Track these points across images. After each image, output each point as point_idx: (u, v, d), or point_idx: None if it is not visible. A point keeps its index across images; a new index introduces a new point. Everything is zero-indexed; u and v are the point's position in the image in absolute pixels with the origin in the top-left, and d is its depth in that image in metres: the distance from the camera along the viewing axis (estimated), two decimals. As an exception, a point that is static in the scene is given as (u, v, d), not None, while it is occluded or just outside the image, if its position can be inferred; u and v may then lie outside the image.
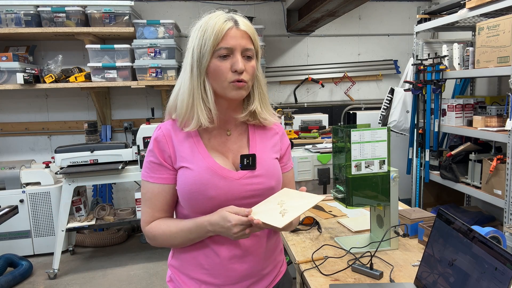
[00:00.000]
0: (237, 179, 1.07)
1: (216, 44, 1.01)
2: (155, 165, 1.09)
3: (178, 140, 1.09)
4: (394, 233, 1.52)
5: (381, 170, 1.45)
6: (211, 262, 1.09)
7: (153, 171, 1.10)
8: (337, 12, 3.38)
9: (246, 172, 1.09)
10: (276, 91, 4.40)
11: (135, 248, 3.73)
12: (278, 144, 1.19)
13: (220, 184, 1.05)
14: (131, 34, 3.58)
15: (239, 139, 1.14)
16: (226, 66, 1.02)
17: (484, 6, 2.59)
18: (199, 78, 1.04)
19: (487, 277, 0.94)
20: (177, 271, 1.16)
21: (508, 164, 2.44)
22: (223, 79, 1.03)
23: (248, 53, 1.04)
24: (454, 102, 3.05)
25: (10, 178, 3.43)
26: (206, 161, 1.06)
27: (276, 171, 1.14)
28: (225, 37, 1.01)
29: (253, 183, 1.08)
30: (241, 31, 1.03)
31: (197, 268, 1.11)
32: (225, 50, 1.02)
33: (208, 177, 1.05)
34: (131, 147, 3.28)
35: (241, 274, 1.10)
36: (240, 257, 1.09)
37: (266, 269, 1.16)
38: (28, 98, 3.99)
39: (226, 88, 1.04)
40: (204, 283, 1.10)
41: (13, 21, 3.41)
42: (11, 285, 3.01)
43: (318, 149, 2.88)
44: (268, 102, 1.16)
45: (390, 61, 4.52)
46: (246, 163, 1.09)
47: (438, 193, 3.63)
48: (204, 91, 1.05)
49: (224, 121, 1.12)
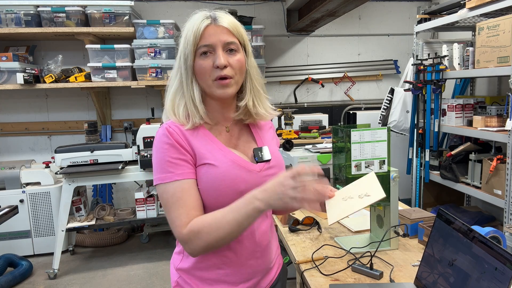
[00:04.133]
0: (258, 171, 1.09)
1: (196, 43, 1.03)
2: (178, 161, 1.02)
3: (190, 136, 1.06)
4: (394, 233, 1.52)
5: (381, 170, 1.45)
6: (230, 260, 1.08)
7: (177, 168, 1.01)
8: (337, 12, 3.38)
9: (263, 164, 1.11)
10: (276, 91, 4.40)
11: (135, 248, 3.73)
12: (275, 137, 1.25)
13: (247, 177, 1.06)
14: (131, 34, 3.58)
15: (242, 134, 1.16)
16: (209, 63, 1.03)
17: (484, 6, 2.59)
18: (187, 79, 1.06)
19: (487, 277, 0.94)
20: (186, 274, 1.12)
21: (508, 164, 2.44)
22: (207, 77, 1.04)
23: (231, 46, 1.04)
24: (454, 102, 3.05)
25: (10, 178, 3.43)
26: (229, 156, 1.06)
27: (283, 161, 1.19)
28: (204, 35, 1.02)
29: (270, 174, 1.10)
30: (219, 26, 1.03)
31: (212, 268, 1.09)
32: (205, 48, 1.02)
33: (236, 171, 1.05)
34: (131, 147, 3.28)
35: (255, 270, 1.11)
36: (255, 253, 1.11)
37: (272, 263, 1.19)
38: (28, 98, 3.99)
39: (211, 87, 1.04)
40: (218, 282, 1.09)
41: (13, 21, 3.41)
42: (11, 285, 3.01)
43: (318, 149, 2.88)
44: (263, 97, 1.15)
45: (390, 61, 4.52)
46: (261, 155, 1.11)
47: (438, 193, 3.63)
48: (193, 91, 1.06)
49: (222, 119, 1.13)
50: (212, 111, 1.11)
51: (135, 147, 3.24)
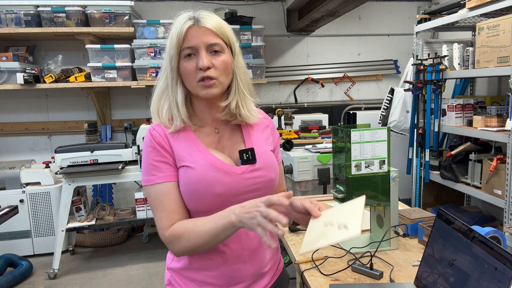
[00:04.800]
0: (240, 173, 1.07)
1: (179, 45, 1.03)
2: (160, 164, 1.04)
3: (173, 139, 1.07)
4: (394, 233, 1.52)
5: (381, 170, 1.45)
6: (216, 263, 1.08)
7: (159, 171, 1.04)
8: (337, 12, 3.38)
9: (248, 166, 1.08)
10: (276, 91, 4.40)
11: (135, 248, 3.73)
12: (271, 137, 1.21)
13: (225, 180, 1.04)
14: (131, 34, 3.58)
15: (232, 135, 1.14)
16: (192, 65, 1.03)
17: (484, 6, 2.59)
18: (172, 80, 1.06)
19: (487, 277, 0.94)
20: (176, 274, 1.14)
21: (508, 164, 2.44)
22: (191, 79, 1.04)
23: (215, 47, 1.03)
24: (454, 102, 3.05)
25: (10, 178, 3.43)
26: (207, 158, 1.05)
27: (274, 163, 1.15)
28: (186, 37, 1.02)
29: (255, 177, 1.08)
30: (202, 28, 1.03)
31: (200, 269, 1.09)
32: (188, 50, 1.02)
33: (213, 174, 1.03)
34: (131, 147, 3.28)
35: (244, 274, 1.10)
36: (245, 257, 1.09)
37: (266, 267, 1.16)
38: (28, 98, 3.99)
39: (196, 88, 1.04)
40: (206, 284, 1.09)
41: (13, 21, 3.41)
42: (11, 285, 3.01)
43: (318, 149, 2.88)
44: (247, 99, 1.13)
45: (390, 61, 4.52)
46: (246, 157, 1.09)
47: (438, 193, 3.63)
48: (177, 94, 1.06)
49: (210, 120, 1.12)
50: (200, 112, 1.11)
51: (135, 147, 3.24)
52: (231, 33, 1.08)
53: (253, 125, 1.17)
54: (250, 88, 1.14)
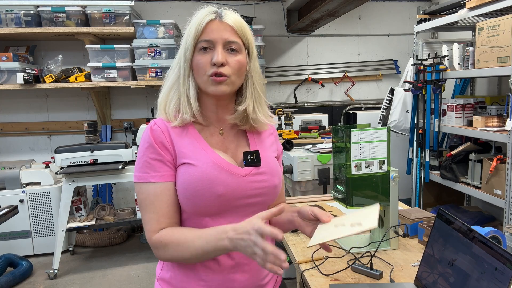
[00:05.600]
0: (244, 175, 1.03)
1: (197, 37, 1.00)
2: (156, 162, 1.00)
3: (176, 134, 1.03)
4: (394, 233, 1.52)
5: (381, 170, 1.45)
6: (211, 273, 1.02)
7: (154, 169, 1.00)
8: (337, 12, 3.38)
9: (252, 168, 1.05)
10: (276, 91, 4.40)
11: (135, 248, 3.73)
12: (275, 144, 1.18)
13: (228, 180, 1.00)
14: (131, 34, 3.58)
15: (236, 138, 1.11)
16: (207, 59, 0.99)
17: (484, 6, 2.59)
18: (185, 73, 1.03)
19: (487, 277, 0.94)
20: (167, 285, 1.07)
21: (508, 164, 2.44)
22: (202, 72, 1.00)
23: (232, 46, 1.00)
24: (454, 102, 3.05)
25: (10, 178, 3.43)
26: (210, 156, 1.01)
27: (278, 170, 1.12)
28: (206, 30, 0.99)
29: (259, 181, 1.04)
30: (224, 23, 1.00)
31: (193, 279, 1.03)
32: (205, 43, 0.99)
33: (215, 173, 0.99)
34: (131, 147, 3.28)
35: (240, 285, 1.04)
36: (241, 266, 1.04)
37: (265, 279, 1.11)
38: (28, 98, 3.99)
39: (206, 82, 1.01)
40: None
41: (13, 21, 3.41)
42: (11, 285, 3.01)
43: (318, 149, 2.88)
44: (264, 104, 1.10)
45: (390, 61, 4.52)
46: (251, 159, 1.05)
47: (438, 193, 3.63)
48: (189, 86, 1.03)
49: (216, 120, 1.08)
50: (206, 111, 1.07)
51: (135, 147, 3.24)
52: (251, 35, 1.05)
53: (258, 131, 1.14)
54: (265, 93, 1.12)
